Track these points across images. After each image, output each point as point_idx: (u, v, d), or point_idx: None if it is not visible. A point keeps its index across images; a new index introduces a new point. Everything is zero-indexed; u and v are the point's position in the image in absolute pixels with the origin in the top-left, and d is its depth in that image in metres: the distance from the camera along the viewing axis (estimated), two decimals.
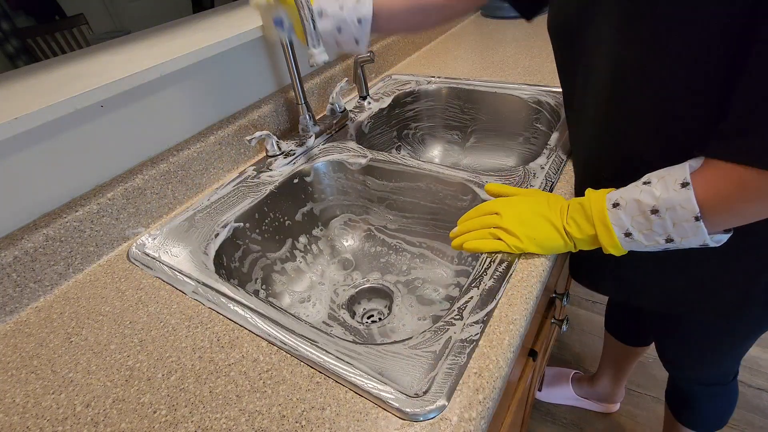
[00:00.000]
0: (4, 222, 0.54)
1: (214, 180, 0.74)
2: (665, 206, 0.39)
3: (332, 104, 0.88)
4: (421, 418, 0.37)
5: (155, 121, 0.66)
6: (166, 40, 0.73)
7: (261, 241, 0.71)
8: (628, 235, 0.43)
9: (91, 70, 0.62)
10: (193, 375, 0.44)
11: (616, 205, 0.43)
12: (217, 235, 0.62)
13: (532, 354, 0.72)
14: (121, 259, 0.61)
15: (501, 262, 0.51)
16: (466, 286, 0.49)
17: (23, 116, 0.50)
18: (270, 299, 0.70)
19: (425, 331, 0.44)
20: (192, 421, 0.40)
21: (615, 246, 0.44)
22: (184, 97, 0.69)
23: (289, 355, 0.44)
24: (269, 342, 0.46)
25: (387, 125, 0.98)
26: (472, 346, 0.42)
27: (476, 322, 0.45)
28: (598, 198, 0.45)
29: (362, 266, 0.78)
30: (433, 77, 1.02)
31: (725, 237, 0.41)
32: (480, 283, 0.49)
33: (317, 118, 0.88)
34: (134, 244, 0.62)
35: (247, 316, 0.49)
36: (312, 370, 0.43)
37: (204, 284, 0.54)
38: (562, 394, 1.23)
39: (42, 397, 0.44)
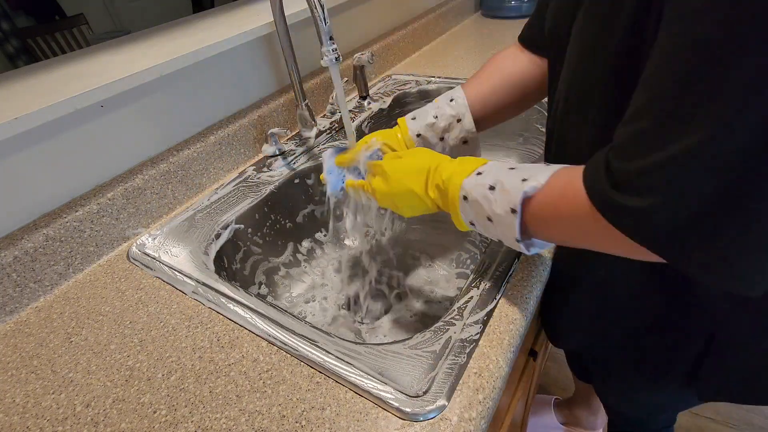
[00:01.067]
0: (4, 222, 0.54)
1: (214, 180, 0.74)
2: (497, 220, 0.40)
3: (332, 104, 0.88)
4: (421, 418, 0.37)
5: (155, 120, 0.66)
6: (166, 40, 0.73)
7: (262, 243, 0.71)
8: (472, 224, 0.44)
9: (91, 70, 0.63)
10: (193, 375, 0.44)
11: (465, 198, 0.43)
12: (218, 236, 0.62)
13: (533, 354, 0.72)
14: (121, 259, 0.61)
15: (501, 262, 0.51)
16: (465, 286, 0.49)
17: (23, 116, 0.50)
18: (275, 301, 0.70)
19: (425, 331, 0.44)
20: (192, 421, 0.40)
21: (462, 227, 0.46)
22: (184, 97, 0.69)
23: (289, 355, 0.44)
24: (269, 342, 0.46)
25: (387, 125, 0.98)
26: (472, 346, 0.42)
27: (476, 322, 0.45)
28: (455, 186, 0.44)
29: (363, 267, 0.78)
30: (433, 77, 1.02)
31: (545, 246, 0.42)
32: (480, 283, 0.49)
33: (317, 118, 0.88)
34: (134, 244, 0.62)
35: (247, 316, 0.49)
36: (312, 370, 0.43)
37: (204, 284, 0.54)
38: (546, 422, 1.19)
39: (42, 397, 0.44)
